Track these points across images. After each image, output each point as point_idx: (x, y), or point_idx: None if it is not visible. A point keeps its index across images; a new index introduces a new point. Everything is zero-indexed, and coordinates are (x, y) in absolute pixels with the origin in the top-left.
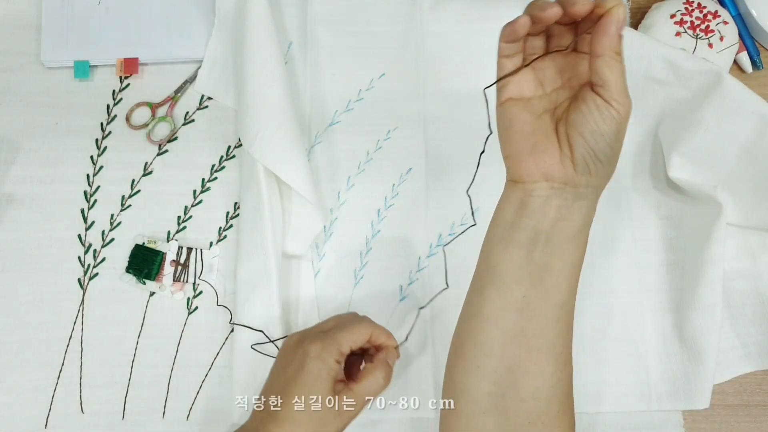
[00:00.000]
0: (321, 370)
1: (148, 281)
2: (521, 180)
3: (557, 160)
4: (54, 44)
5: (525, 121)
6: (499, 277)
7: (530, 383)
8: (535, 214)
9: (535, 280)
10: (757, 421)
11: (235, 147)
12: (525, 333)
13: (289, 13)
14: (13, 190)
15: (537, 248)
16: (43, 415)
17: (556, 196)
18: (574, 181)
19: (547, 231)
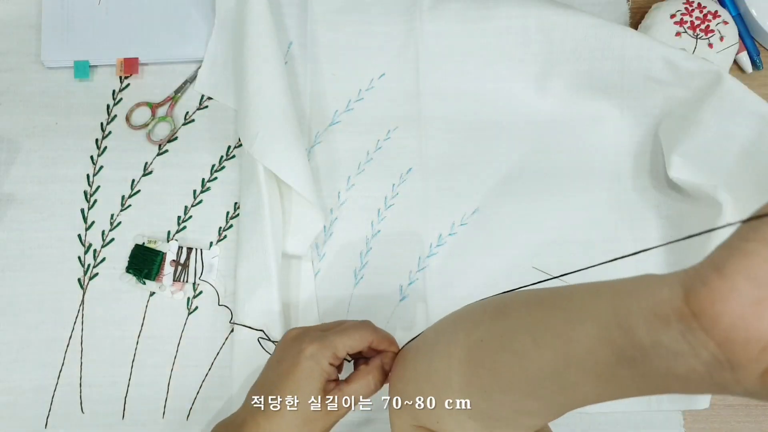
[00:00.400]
0: (313, 370)
1: (148, 281)
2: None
3: (762, 342)
4: (54, 44)
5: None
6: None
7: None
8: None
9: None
10: (757, 421)
11: (235, 147)
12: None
13: (289, 13)
14: (13, 190)
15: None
16: (43, 415)
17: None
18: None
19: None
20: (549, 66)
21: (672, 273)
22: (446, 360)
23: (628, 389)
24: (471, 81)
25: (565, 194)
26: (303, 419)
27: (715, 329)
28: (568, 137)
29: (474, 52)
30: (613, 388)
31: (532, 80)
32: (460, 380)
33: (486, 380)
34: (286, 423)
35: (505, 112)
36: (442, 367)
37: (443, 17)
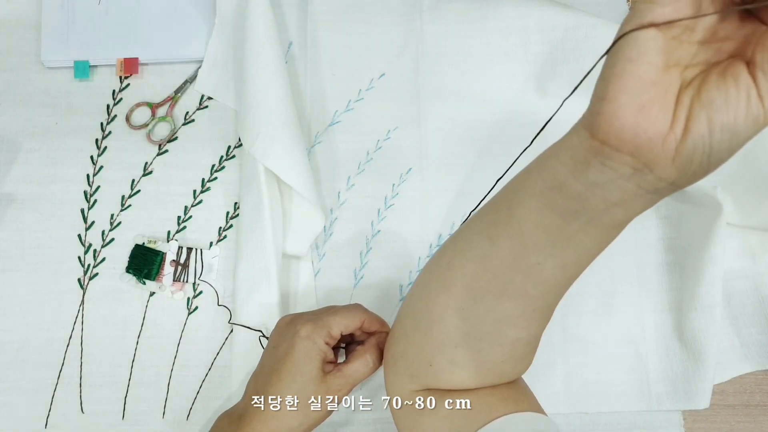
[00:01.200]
0: (310, 350)
1: (148, 281)
2: (603, 140)
3: (662, 136)
4: (54, 44)
5: (652, 65)
6: (519, 234)
7: (514, 334)
8: (596, 190)
9: (557, 251)
10: (757, 421)
11: (235, 147)
12: (527, 294)
13: (289, 13)
14: (13, 190)
15: (575, 222)
16: (43, 415)
17: (632, 179)
18: (663, 172)
19: (598, 212)
20: (549, 66)
21: (574, 125)
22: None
23: (584, 244)
24: (471, 81)
25: None
26: (306, 398)
27: (623, 143)
28: None
29: (474, 52)
30: (572, 251)
31: (532, 80)
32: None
33: (461, 297)
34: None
35: (505, 112)
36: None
37: (443, 17)
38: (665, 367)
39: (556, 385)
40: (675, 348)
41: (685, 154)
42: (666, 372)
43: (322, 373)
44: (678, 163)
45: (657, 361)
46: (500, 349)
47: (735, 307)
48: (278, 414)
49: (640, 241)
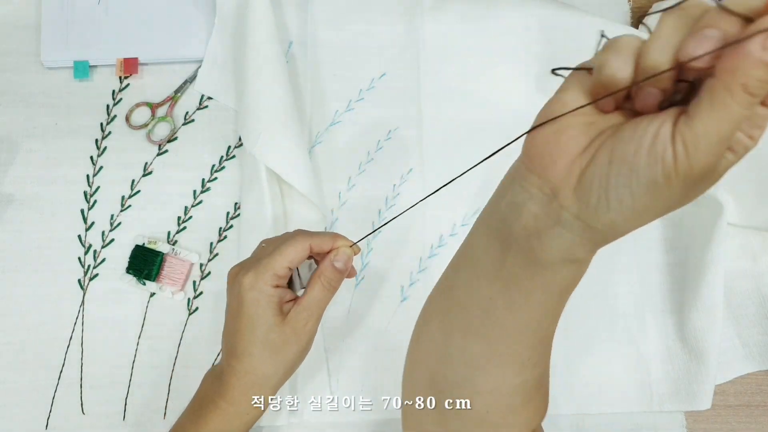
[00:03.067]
0: (259, 300)
1: (148, 282)
2: (523, 159)
3: (568, 161)
4: (54, 44)
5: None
6: (473, 262)
7: (489, 381)
8: (514, 210)
9: (503, 287)
10: (758, 421)
11: (236, 147)
12: (488, 335)
13: (289, 13)
14: (12, 190)
15: (510, 254)
16: (43, 416)
17: (538, 202)
18: (564, 200)
19: (520, 240)
20: (550, 66)
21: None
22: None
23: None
24: (472, 81)
25: None
26: (271, 348)
27: (533, 162)
28: None
29: (475, 52)
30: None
31: (533, 80)
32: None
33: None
34: (255, 358)
35: (507, 112)
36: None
37: (444, 17)
38: (667, 368)
39: (557, 386)
40: (676, 349)
41: (584, 182)
42: (668, 373)
43: (281, 316)
44: (578, 193)
45: (658, 362)
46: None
47: (736, 308)
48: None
49: (641, 241)
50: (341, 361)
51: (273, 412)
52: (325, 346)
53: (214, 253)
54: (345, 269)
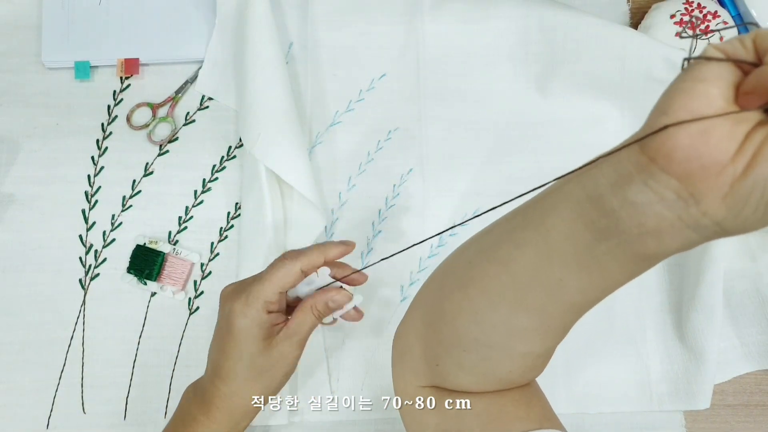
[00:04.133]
0: (249, 327)
1: (149, 281)
2: (652, 156)
3: (719, 167)
4: (54, 45)
5: (723, 90)
6: (546, 244)
7: (525, 348)
8: (631, 210)
9: (582, 271)
10: (757, 421)
11: (236, 147)
12: (544, 310)
13: (289, 14)
14: (13, 190)
15: (605, 243)
16: (44, 416)
17: (672, 207)
18: (711, 206)
19: (630, 237)
20: (550, 66)
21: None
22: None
23: (610, 270)
24: (472, 81)
25: None
26: (257, 372)
27: (673, 165)
28: (569, 137)
29: (475, 52)
30: (597, 274)
31: (533, 80)
32: (452, 308)
33: (477, 301)
34: (240, 380)
35: (506, 112)
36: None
37: (444, 18)
38: (666, 368)
39: (557, 385)
40: (675, 348)
41: (740, 193)
42: (667, 372)
43: (268, 341)
44: (729, 202)
45: (658, 362)
46: (509, 361)
47: (735, 308)
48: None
49: None
50: (341, 361)
51: (273, 412)
52: (325, 346)
53: (214, 253)
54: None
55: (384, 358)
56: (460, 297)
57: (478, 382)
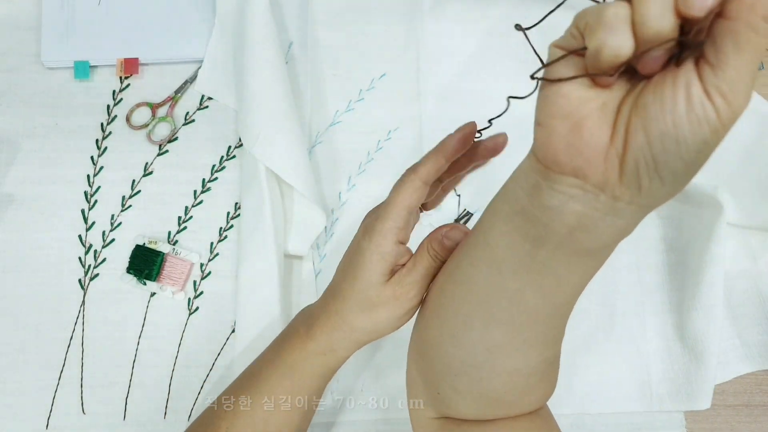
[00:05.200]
0: (372, 256)
1: (148, 282)
2: (546, 164)
3: (601, 154)
4: (54, 44)
5: (578, 82)
6: (494, 259)
7: (510, 364)
8: (550, 213)
9: (533, 278)
10: (758, 421)
11: (236, 147)
12: (513, 321)
13: (289, 13)
14: (13, 190)
15: (544, 249)
16: (44, 416)
17: (582, 201)
18: (614, 192)
19: (562, 237)
20: None
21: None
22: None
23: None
24: (472, 81)
25: None
26: (364, 304)
27: (562, 166)
28: None
29: (475, 52)
30: (549, 278)
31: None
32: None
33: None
34: (348, 306)
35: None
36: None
37: (444, 17)
38: (666, 368)
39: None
40: (676, 348)
41: (628, 170)
42: (667, 372)
43: (387, 276)
44: (626, 180)
45: (658, 362)
46: (499, 380)
47: (736, 308)
48: (341, 310)
49: (641, 241)
50: None
51: None
52: None
53: (214, 253)
54: (455, 246)
55: (384, 358)
56: (437, 322)
57: (479, 407)
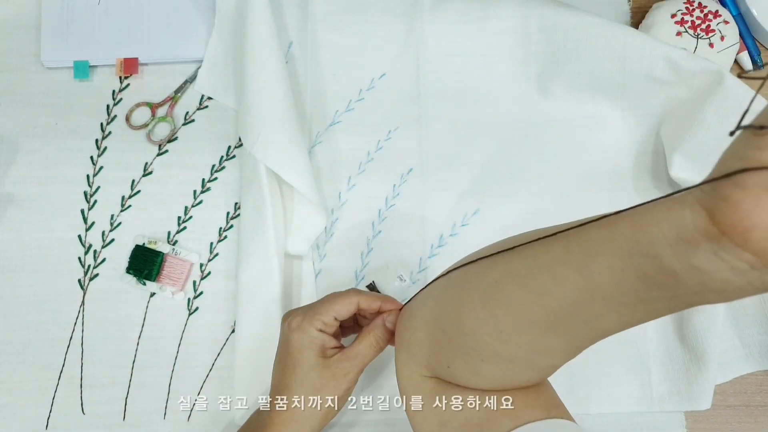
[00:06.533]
0: (303, 341)
1: (148, 282)
2: (725, 231)
3: None
4: (54, 44)
5: None
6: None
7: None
8: (696, 274)
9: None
10: (758, 421)
11: (236, 147)
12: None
13: (289, 13)
14: (13, 190)
15: (658, 292)
16: (43, 416)
17: (747, 276)
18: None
19: (689, 292)
20: (550, 66)
21: (686, 193)
22: (457, 304)
23: (657, 310)
24: (472, 81)
25: (566, 194)
26: (309, 389)
27: (749, 243)
28: (569, 137)
29: (475, 52)
30: (641, 312)
31: (533, 80)
32: (474, 323)
33: (503, 321)
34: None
35: (506, 112)
36: (454, 311)
37: (444, 17)
38: (667, 368)
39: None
40: (676, 349)
41: None
42: (668, 373)
43: (322, 359)
44: None
45: (659, 362)
46: (530, 373)
47: (736, 308)
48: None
49: None
50: None
51: None
52: None
53: (214, 253)
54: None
55: (384, 358)
56: (484, 315)
57: (491, 386)
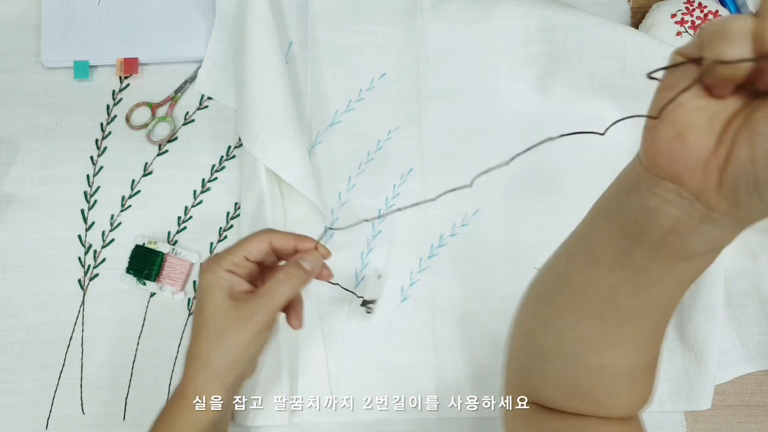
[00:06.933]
0: (209, 281)
1: (148, 282)
2: (647, 167)
3: (701, 163)
4: (54, 44)
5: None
6: (592, 253)
7: (597, 360)
8: (647, 214)
9: (627, 276)
10: (758, 421)
11: (236, 147)
12: (603, 317)
13: (289, 13)
14: (13, 190)
15: (639, 248)
16: (43, 416)
17: (678, 206)
18: (709, 201)
19: (656, 238)
20: (550, 66)
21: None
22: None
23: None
24: (472, 81)
25: (566, 194)
26: (213, 333)
27: (661, 170)
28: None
29: (475, 52)
30: (641, 278)
31: (533, 80)
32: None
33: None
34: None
35: (506, 112)
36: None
37: (444, 17)
38: (667, 368)
39: None
40: (677, 349)
41: (728, 183)
42: (668, 373)
43: (231, 301)
44: (724, 192)
45: None
46: (585, 373)
47: (736, 308)
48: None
49: None
50: (341, 361)
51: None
52: (325, 346)
53: (214, 253)
54: (311, 270)
55: (384, 358)
56: (534, 310)
57: (566, 398)
